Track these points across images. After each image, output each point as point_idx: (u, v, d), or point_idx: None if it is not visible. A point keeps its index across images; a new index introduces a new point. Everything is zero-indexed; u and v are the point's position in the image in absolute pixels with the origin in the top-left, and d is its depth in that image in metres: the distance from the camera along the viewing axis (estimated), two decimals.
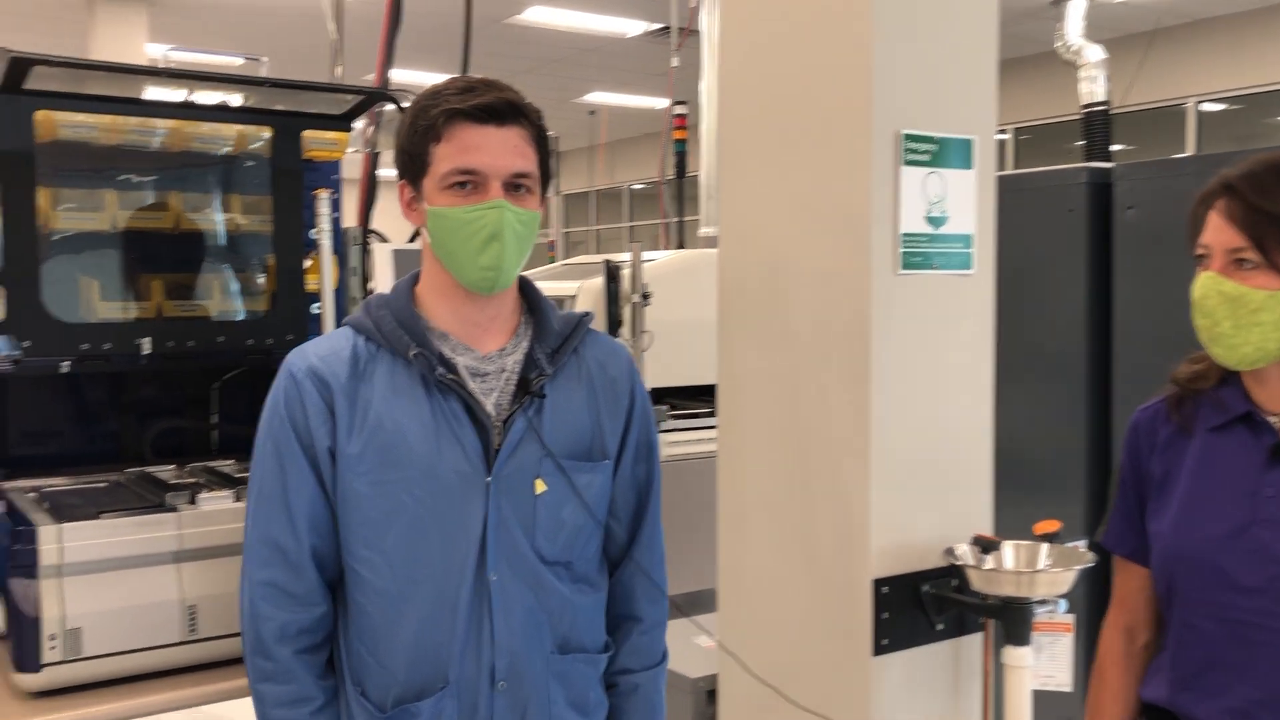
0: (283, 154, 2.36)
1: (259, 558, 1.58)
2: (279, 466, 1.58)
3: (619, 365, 1.73)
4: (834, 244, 2.04)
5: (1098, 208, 3.08)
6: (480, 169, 1.56)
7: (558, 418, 1.64)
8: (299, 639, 1.58)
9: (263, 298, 2.47)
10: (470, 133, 1.55)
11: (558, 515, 1.63)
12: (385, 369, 1.59)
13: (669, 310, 3.90)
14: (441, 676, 1.57)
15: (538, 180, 1.62)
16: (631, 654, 1.75)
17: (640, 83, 13.01)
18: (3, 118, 2.04)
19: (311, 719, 1.58)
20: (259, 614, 1.57)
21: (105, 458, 2.28)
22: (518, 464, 1.60)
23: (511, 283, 1.64)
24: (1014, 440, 2.49)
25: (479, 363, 1.63)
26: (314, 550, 1.59)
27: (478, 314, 1.64)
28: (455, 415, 1.58)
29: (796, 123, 2.11)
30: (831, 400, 2.05)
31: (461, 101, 1.56)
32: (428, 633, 1.57)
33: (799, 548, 2.12)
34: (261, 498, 1.60)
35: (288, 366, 1.61)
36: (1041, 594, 1.92)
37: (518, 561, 1.60)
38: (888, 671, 2.00)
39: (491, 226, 1.55)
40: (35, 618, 1.71)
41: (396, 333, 1.59)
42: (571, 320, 1.70)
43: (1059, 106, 10.34)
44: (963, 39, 2.09)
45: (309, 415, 1.57)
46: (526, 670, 1.60)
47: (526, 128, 1.60)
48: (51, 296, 2.11)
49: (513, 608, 1.59)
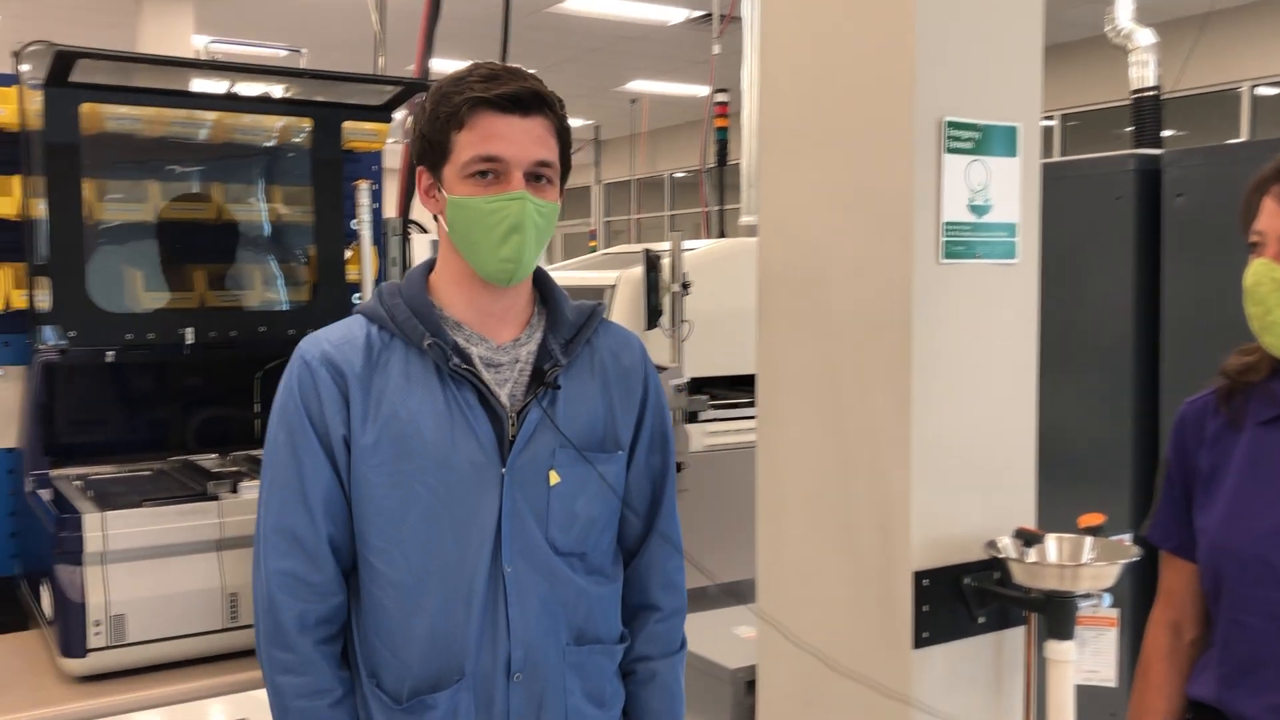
0: (323, 145, 2.38)
1: (275, 548, 1.56)
2: (294, 455, 1.56)
3: (632, 355, 1.72)
4: (875, 233, 2.02)
5: (1146, 195, 3.02)
6: (504, 157, 1.54)
7: (571, 408, 1.62)
8: (318, 629, 1.57)
9: (304, 288, 2.49)
10: (494, 121, 1.54)
11: (571, 507, 1.62)
12: (399, 358, 1.58)
13: (709, 300, 3.88)
14: (457, 668, 1.57)
15: (558, 171, 1.61)
16: (649, 642, 1.74)
17: (681, 70, 12.96)
18: (49, 111, 2.06)
19: (330, 711, 1.57)
20: (278, 604, 1.55)
21: (149, 446, 2.31)
22: (532, 455, 1.59)
23: (529, 274, 1.62)
24: (1058, 432, 2.46)
25: (493, 353, 1.62)
26: (331, 539, 1.57)
27: (493, 304, 1.62)
28: (470, 405, 1.57)
29: (838, 110, 2.09)
30: (872, 391, 2.03)
31: (486, 90, 1.54)
32: (443, 624, 1.56)
33: (839, 539, 2.10)
34: (276, 486, 1.58)
35: (300, 354, 1.59)
36: (1085, 588, 1.89)
37: (532, 553, 1.59)
38: (928, 665, 1.98)
39: (513, 218, 1.54)
40: (81, 604, 1.74)
41: (410, 322, 1.58)
42: (585, 311, 1.69)
43: (1108, 92, 10.18)
44: (1006, 24, 2.06)
45: (324, 403, 1.56)
46: (542, 662, 1.60)
47: (550, 118, 1.58)
48: (96, 287, 2.14)
49: (528, 599, 1.58)
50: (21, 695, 1.74)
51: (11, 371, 2.29)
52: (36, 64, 2.05)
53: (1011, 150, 2.07)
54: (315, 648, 1.57)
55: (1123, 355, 3.04)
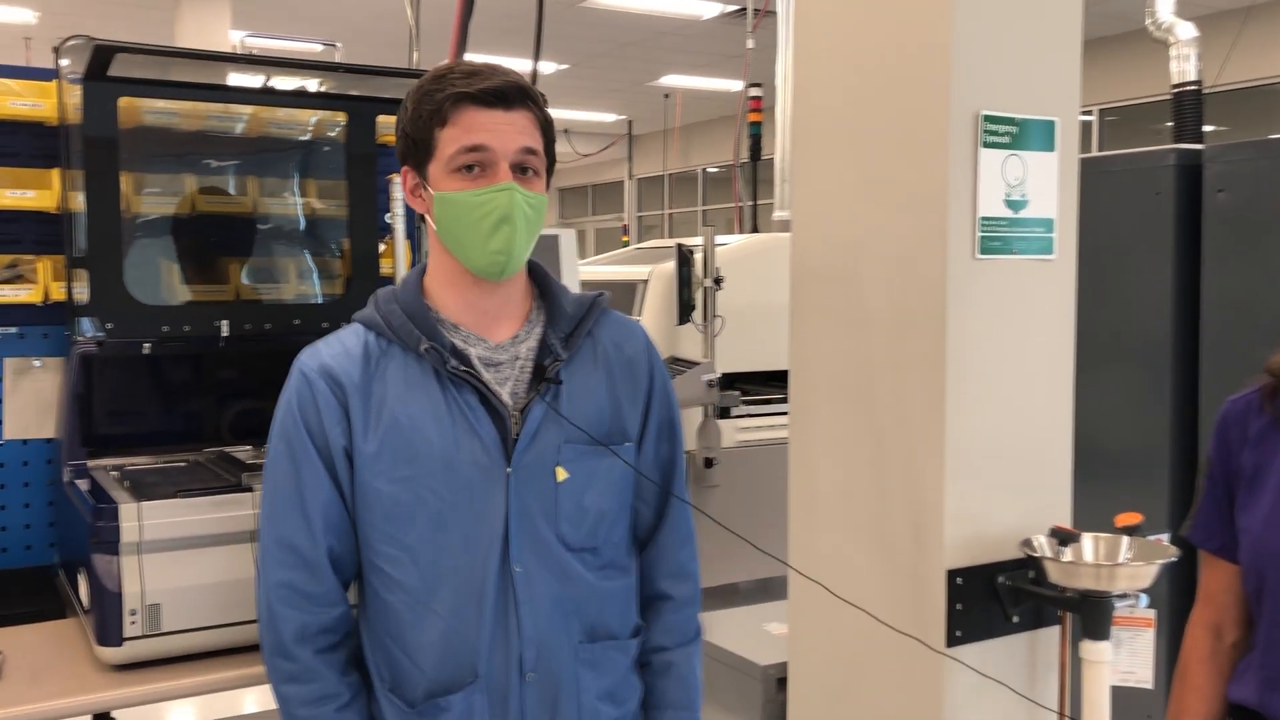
0: (357, 139, 2.38)
1: (275, 559, 1.57)
2: (293, 467, 1.56)
3: (635, 344, 1.70)
4: (910, 228, 2.00)
5: (1186, 191, 2.98)
6: (489, 145, 1.52)
7: (576, 403, 1.61)
8: (318, 639, 1.57)
9: (338, 281, 2.50)
10: (477, 115, 1.53)
11: (580, 502, 1.61)
12: (398, 364, 1.57)
13: (742, 295, 3.87)
14: (470, 670, 1.56)
15: (544, 162, 1.60)
16: (664, 632, 1.72)
17: (715, 65, 12.93)
18: (88, 105, 2.08)
19: (337, 715, 1.57)
20: (277, 615, 1.56)
21: (185, 437, 2.33)
22: (537, 452, 1.58)
23: (521, 267, 1.61)
24: (1094, 431, 2.43)
25: (492, 352, 1.61)
26: (330, 551, 1.57)
27: (486, 301, 1.61)
28: (471, 407, 1.56)
29: (873, 104, 2.07)
30: (906, 387, 2.02)
31: (468, 85, 1.53)
32: (455, 627, 1.56)
33: (871, 537, 2.09)
34: (276, 499, 1.58)
35: (299, 366, 1.59)
36: (1122, 588, 1.87)
37: (542, 551, 1.58)
38: (961, 664, 1.97)
39: (502, 209, 1.53)
40: (117, 593, 1.75)
41: (406, 326, 1.57)
42: (584, 302, 1.67)
43: (1148, 86, 10.06)
44: (1045, 16, 2.03)
45: (323, 415, 1.55)
46: (555, 660, 1.59)
47: (533, 111, 1.57)
48: (133, 280, 2.16)
49: (539, 598, 1.58)
50: (59, 683, 1.76)
51: (50, 363, 2.32)
52: (76, 58, 2.07)
53: (1049, 145, 2.04)
54: (317, 656, 1.57)
55: (1161, 353, 3.00)
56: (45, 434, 2.31)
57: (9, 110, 2.20)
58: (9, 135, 2.27)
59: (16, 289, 2.22)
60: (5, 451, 2.29)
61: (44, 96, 2.23)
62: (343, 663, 1.61)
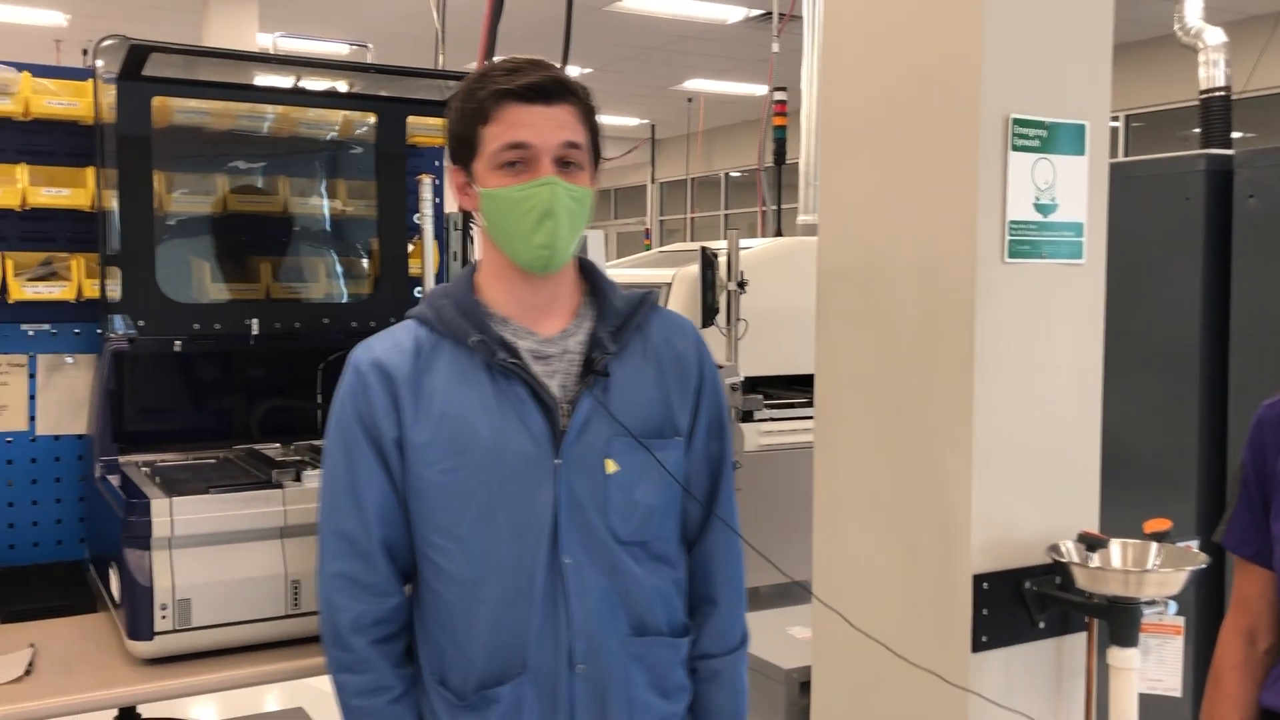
0: (387, 139, 2.40)
1: (332, 550, 1.60)
2: (347, 460, 1.59)
3: (686, 341, 1.71)
4: (939, 231, 2.00)
5: (1217, 196, 2.97)
6: (530, 143, 1.54)
7: (625, 396, 1.62)
8: (374, 629, 1.60)
9: (366, 281, 2.51)
10: (519, 111, 1.54)
11: (631, 495, 1.61)
12: (448, 357, 1.59)
13: (765, 299, 3.87)
14: (519, 662, 1.57)
15: (589, 155, 1.61)
16: (710, 638, 1.73)
17: (739, 69, 12.93)
18: (123, 104, 2.10)
19: (389, 708, 1.59)
20: (334, 605, 1.59)
21: (215, 434, 2.35)
22: (586, 444, 1.59)
23: (567, 261, 1.62)
24: (1122, 436, 2.42)
25: (541, 345, 1.62)
26: (384, 541, 1.60)
27: (535, 296, 1.63)
28: (520, 399, 1.57)
29: (901, 106, 2.07)
30: (934, 391, 2.01)
31: (509, 82, 1.54)
32: (504, 618, 1.57)
33: (897, 541, 2.09)
34: (332, 491, 1.61)
35: (353, 361, 1.62)
36: (1150, 594, 1.86)
37: (592, 543, 1.59)
38: (987, 669, 1.96)
39: (544, 203, 1.54)
40: (148, 588, 1.77)
41: (456, 320, 1.59)
42: (634, 299, 1.68)
43: (1174, 92, 9.99)
44: (1076, 18, 2.03)
45: (375, 408, 1.58)
46: (604, 653, 1.59)
47: (576, 105, 1.59)
48: (165, 278, 2.17)
49: (588, 590, 1.58)
50: (91, 675, 1.77)
51: (81, 360, 2.34)
52: (111, 58, 2.09)
53: (1079, 148, 2.03)
54: (371, 647, 1.59)
55: (1190, 359, 2.98)
56: (77, 430, 2.34)
57: (45, 109, 2.22)
58: (44, 134, 2.29)
59: (51, 286, 2.24)
60: (37, 447, 2.32)
61: (79, 96, 2.25)
62: (397, 655, 1.63)
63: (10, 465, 2.29)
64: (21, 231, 2.29)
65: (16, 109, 2.20)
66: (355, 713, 1.60)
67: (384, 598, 1.60)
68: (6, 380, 2.29)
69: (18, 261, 2.26)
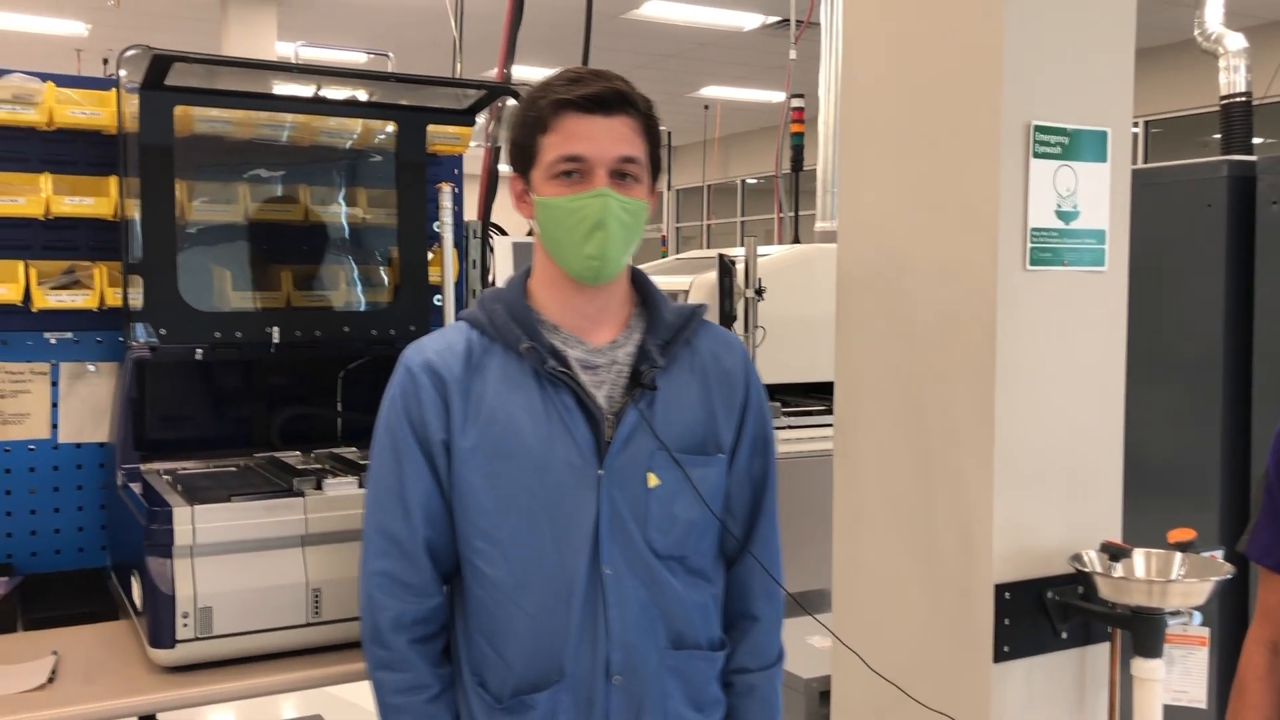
0: (408, 148, 2.40)
1: (376, 548, 1.61)
2: (395, 459, 1.61)
3: (734, 358, 1.71)
4: (960, 238, 1.99)
5: (1239, 202, 2.94)
6: (585, 155, 1.55)
7: (670, 410, 1.62)
8: (414, 628, 1.61)
9: (387, 289, 2.52)
10: (577, 122, 1.55)
11: (670, 509, 1.62)
12: (498, 362, 1.60)
13: (783, 306, 3.86)
14: (557, 669, 1.58)
15: (646, 168, 1.61)
16: (748, 653, 1.73)
17: (755, 76, 12.93)
18: (146, 113, 2.11)
19: (426, 706, 1.61)
20: (375, 603, 1.60)
21: (235, 442, 2.35)
22: (630, 457, 1.59)
23: (618, 272, 1.63)
24: (1144, 444, 2.40)
25: (590, 355, 1.63)
26: (428, 542, 1.61)
27: (587, 305, 1.64)
28: (567, 408, 1.58)
29: (922, 113, 2.07)
30: (955, 399, 2.00)
31: (569, 92, 1.56)
32: (543, 625, 1.58)
33: (918, 550, 2.08)
34: (378, 489, 1.62)
35: (404, 361, 1.64)
36: (1175, 605, 1.85)
37: (632, 555, 1.59)
38: (1009, 679, 1.95)
39: (596, 215, 1.55)
40: (170, 595, 1.77)
41: (508, 326, 1.60)
42: (685, 312, 1.69)
43: (1194, 98, 9.94)
44: (1097, 25, 2.02)
45: (424, 409, 1.59)
46: (641, 665, 1.60)
47: (635, 117, 1.59)
48: (187, 286, 2.18)
49: (627, 601, 1.59)
50: (113, 683, 1.78)
51: (103, 367, 2.35)
52: (134, 68, 2.10)
53: (1101, 155, 2.03)
54: (411, 646, 1.60)
55: (1212, 367, 2.96)
56: (99, 438, 2.35)
57: (68, 119, 2.23)
58: (68, 144, 2.30)
59: (74, 294, 2.26)
60: (59, 455, 2.33)
61: (102, 105, 2.26)
62: (436, 654, 1.64)
63: (33, 473, 2.30)
64: (45, 240, 2.30)
65: (40, 119, 2.22)
66: (392, 710, 1.62)
67: (425, 598, 1.62)
68: (29, 388, 2.30)
69: (41, 270, 2.27)
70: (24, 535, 2.29)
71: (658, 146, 1.65)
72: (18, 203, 2.21)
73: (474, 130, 2.57)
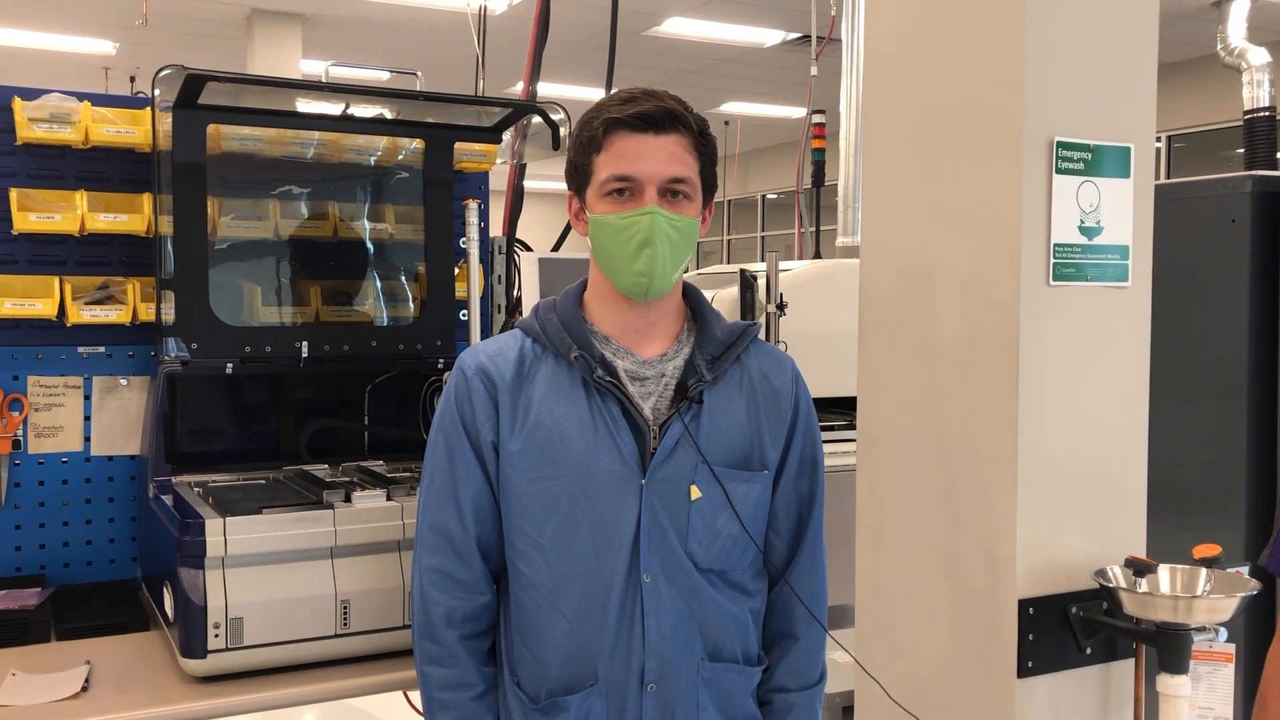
0: (435, 165, 2.43)
1: (429, 545, 1.65)
2: (449, 458, 1.65)
3: (783, 376, 1.74)
4: (982, 254, 2.00)
5: (1265, 218, 2.94)
6: (634, 175, 1.59)
7: (715, 425, 1.65)
8: (464, 625, 1.64)
9: (413, 304, 2.55)
10: (629, 141, 1.59)
11: (712, 523, 1.64)
12: (548, 370, 1.64)
13: (805, 321, 3.86)
14: (591, 673, 1.60)
15: (697, 187, 1.64)
16: (788, 673, 1.74)
17: (776, 92, 12.96)
18: (179, 131, 2.15)
19: (472, 704, 1.64)
20: (428, 598, 1.64)
21: (265, 455, 2.38)
22: (673, 468, 1.62)
23: (668, 289, 1.65)
24: (1168, 460, 2.40)
25: (639, 367, 1.66)
26: (479, 539, 1.65)
27: (638, 319, 1.67)
28: (613, 417, 1.61)
29: (944, 129, 2.08)
30: (978, 414, 2.01)
31: (621, 111, 1.60)
32: (580, 629, 1.60)
33: (941, 565, 2.08)
34: (432, 488, 1.67)
35: (460, 364, 1.69)
36: (1200, 621, 1.84)
37: (671, 565, 1.61)
38: (1033, 695, 1.95)
39: (644, 232, 1.58)
40: (202, 606, 1.79)
41: (560, 335, 1.64)
42: (736, 329, 1.72)
43: (1216, 113, 9.90)
44: (1121, 42, 2.03)
45: (476, 411, 1.64)
46: (676, 675, 1.61)
47: (686, 135, 1.62)
48: (217, 301, 2.22)
49: (664, 611, 1.61)
50: (145, 693, 1.80)
51: (135, 381, 2.39)
52: (168, 87, 2.14)
53: (1124, 171, 2.03)
54: (460, 642, 1.64)
55: (1237, 383, 2.95)
56: (130, 451, 2.38)
57: (103, 137, 2.27)
58: (102, 161, 2.35)
59: (108, 309, 2.29)
60: (91, 467, 2.36)
61: (136, 124, 2.30)
62: (483, 653, 1.68)
63: (65, 485, 2.33)
64: (79, 256, 2.34)
65: (77, 137, 2.26)
66: (438, 705, 1.65)
67: (475, 595, 1.65)
68: (63, 402, 2.34)
69: (75, 285, 2.31)
70: (57, 546, 2.32)
71: (712, 165, 1.68)
72: (54, 219, 2.25)
73: (500, 147, 2.60)
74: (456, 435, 1.65)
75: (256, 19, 9.91)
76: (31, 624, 2.03)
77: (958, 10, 2.04)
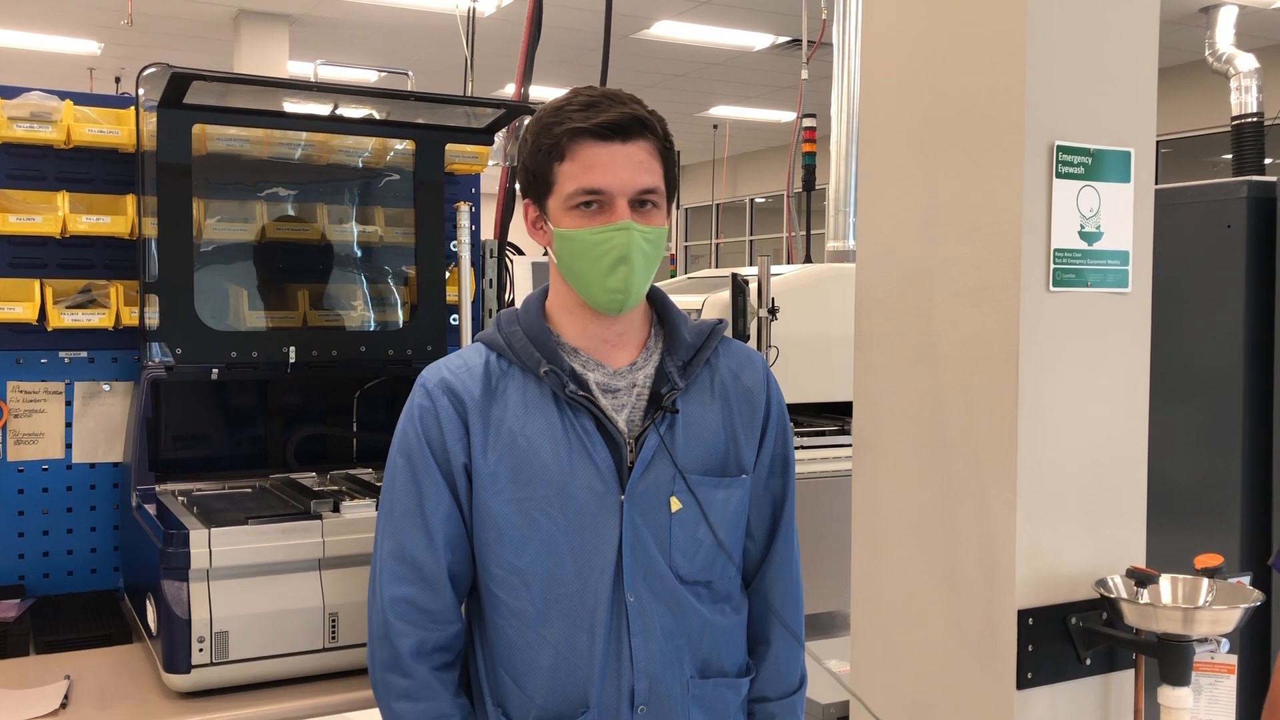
0: (426, 167, 2.40)
1: (393, 573, 1.56)
2: (414, 481, 1.56)
3: (754, 375, 1.69)
4: (982, 259, 1.98)
5: (1260, 223, 2.93)
6: (605, 188, 1.52)
7: (691, 433, 1.60)
8: (435, 655, 1.57)
9: (404, 308, 2.51)
10: (595, 151, 1.52)
11: (694, 534, 1.59)
12: (517, 385, 1.58)
13: (796, 325, 3.84)
14: (582, 700, 1.55)
15: (664, 194, 1.59)
16: (768, 681, 1.70)
17: (765, 96, 12.96)
18: (164, 131, 2.11)
19: None
20: (394, 630, 1.55)
21: (251, 463, 2.34)
22: (651, 481, 1.57)
23: (640, 302, 1.61)
24: (1164, 467, 2.38)
25: (610, 378, 1.60)
26: (450, 567, 1.57)
27: (606, 330, 1.61)
28: (587, 432, 1.55)
29: (943, 133, 2.05)
30: (977, 420, 1.98)
31: (585, 119, 1.52)
32: (566, 654, 1.55)
33: (939, 575, 2.05)
34: (394, 513, 1.57)
35: (422, 382, 1.60)
36: (1203, 632, 1.82)
37: (656, 581, 1.57)
38: (1032, 706, 1.92)
39: (620, 249, 1.52)
40: (185, 620, 1.76)
41: (528, 349, 1.58)
42: (704, 330, 1.66)
43: (1203, 119, 9.93)
44: (1121, 46, 2.01)
45: (445, 431, 1.56)
46: (666, 694, 1.57)
47: (652, 140, 1.57)
48: (202, 305, 2.18)
49: (652, 629, 1.56)
50: (126, 710, 1.76)
51: (118, 387, 2.34)
52: (152, 86, 2.10)
53: (1125, 176, 2.01)
54: (432, 674, 1.56)
55: (1232, 389, 2.94)
56: (113, 458, 2.34)
57: (86, 137, 2.23)
58: (85, 161, 2.31)
59: (90, 313, 2.25)
60: (73, 475, 2.32)
61: (119, 124, 2.26)
62: (455, 683, 1.60)
63: (46, 493, 2.29)
64: (61, 259, 2.30)
65: (58, 137, 2.22)
66: None
67: (446, 624, 1.57)
68: (44, 407, 2.29)
69: (57, 289, 2.27)
70: (36, 556, 2.27)
71: (674, 167, 1.62)
72: (34, 221, 2.21)
73: (491, 149, 2.57)
74: (422, 458, 1.56)
75: (243, 20, 9.85)
76: (9, 636, 1.99)
77: (958, 12, 2.02)
